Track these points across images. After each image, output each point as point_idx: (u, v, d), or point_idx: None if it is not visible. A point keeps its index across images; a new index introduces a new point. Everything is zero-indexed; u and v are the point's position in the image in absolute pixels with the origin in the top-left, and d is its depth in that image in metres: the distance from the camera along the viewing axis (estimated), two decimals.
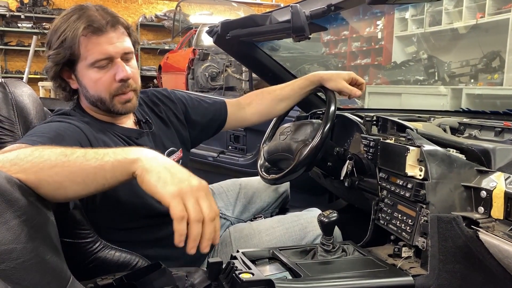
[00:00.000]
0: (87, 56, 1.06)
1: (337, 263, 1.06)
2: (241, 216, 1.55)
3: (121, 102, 1.11)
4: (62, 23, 1.07)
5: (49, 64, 1.09)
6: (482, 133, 1.28)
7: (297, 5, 1.22)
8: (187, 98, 1.41)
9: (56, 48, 1.06)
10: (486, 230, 0.93)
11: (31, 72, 6.24)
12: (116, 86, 1.09)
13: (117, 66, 1.08)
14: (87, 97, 1.12)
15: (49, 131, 0.97)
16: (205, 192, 0.75)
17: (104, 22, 1.06)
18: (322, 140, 1.29)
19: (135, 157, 0.76)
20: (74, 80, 1.11)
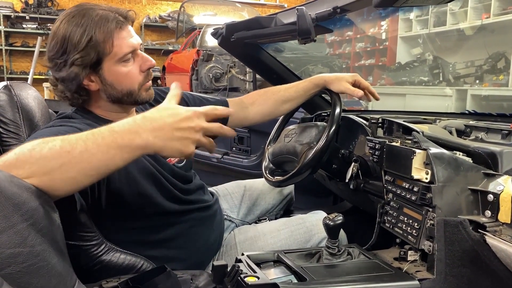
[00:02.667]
0: (117, 51, 1.05)
1: (343, 266, 1.06)
2: (245, 218, 1.55)
3: (146, 90, 1.14)
4: (74, 25, 1.03)
5: (72, 69, 1.04)
6: (488, 135, 1.27)
7: (303, 8, 1.22)
8: (189, 96, 1.42)
9: (82, 50, 1.02)
10: (493, 234, 0.93)
11: (36, 73, 6.26)
12: (143, 76, 1.12)
13: (141, 56, 1.11)
14: (111, 95, 1.10)
15: (50, 135, 0.96)
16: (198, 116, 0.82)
17: (121, 18, 1.07)
18: (327, 142, 1.29)
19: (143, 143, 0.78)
20: (95, 81, 1.08)
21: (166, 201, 1.16)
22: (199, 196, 1.29)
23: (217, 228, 1.32)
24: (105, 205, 1.04)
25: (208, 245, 1.27)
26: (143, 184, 1.10)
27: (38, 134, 1.00)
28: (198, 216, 1.24)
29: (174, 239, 1.19)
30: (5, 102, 1.12)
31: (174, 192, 1.18)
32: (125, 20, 1.08)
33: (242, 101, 1.50)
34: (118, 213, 1.08)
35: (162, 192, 1.15)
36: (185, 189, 1.23)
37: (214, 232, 1.30)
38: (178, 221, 1.19)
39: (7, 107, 1.12)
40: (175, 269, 1.03)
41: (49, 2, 7.46)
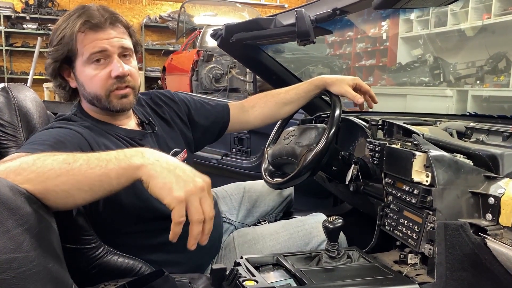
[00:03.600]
0: (84, 51, 1.06)
1: (342, 270, 1.05)
2: (245, 221, 1.54)
3: (117, 97, 1.10)
4: (63, 22, 1.08)
5: (48, 61, 1.10)
6: (489, 137, 1.27)
7: (302, 10, 1.21)
8: (190, 100, 1.41)
9: (56, 45, 1.07)
10: (494, 237, 0.92)
11: (36, 73, 6.26)
12: (112, 82, 1.09)
13: (114, 62, 1.08)
14: (84, 95, 1.12)
15: (49, 138, 0.97)
16: (208, 191, 0.78)
17: (102, 19, 1.06)
18: (327, 145, 1.28)
19: (139, 163, 0.77)
20: (73, 78, 1.12)
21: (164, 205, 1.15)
22: None
23: (216, 231, 1.30)
24: (103, 209, 1.03)
25: (207, 248, 1.26)
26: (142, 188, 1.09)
27: (38, 136, 0.99)
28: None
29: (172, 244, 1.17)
30: (2, 104, 1.11)
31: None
32: (103, 22, 1.06)
33: (242, 105, 1.50)
34: (116, 217, 1.07)
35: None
36: None
37: (212, 235, 1.28)
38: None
39: (5, 109, 1.11)
40: (174, 273, 1.02)
41: (50, 2, 7.46)
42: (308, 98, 1.48)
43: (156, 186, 0.75)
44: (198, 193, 0.76)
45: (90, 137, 1.04)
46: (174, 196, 0.74)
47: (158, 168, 0.76)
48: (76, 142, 0.99)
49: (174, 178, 0.75)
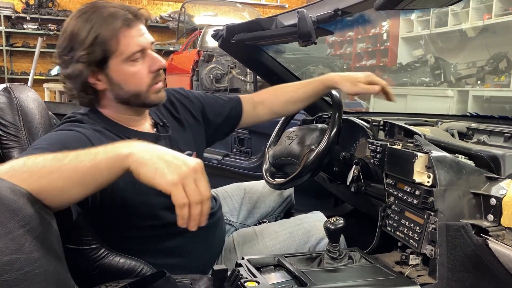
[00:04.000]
0: (123, 50, 1.02)
1: (344, 271, 1.05)
2: (245, 222, 1.54)
3: (155, 92, 1.09)
4: (83, 22, 1.01)
5: (77, 66, 1.01)
6: (491, 138, 1.26)
7: (303, 10, 1.21)
8: (204, 96, 1.38)
9: (88, 47, 0.99)
10: (496, 238, 0.92)
11: (36, 73, 6.26)
12: (151, 77, 1.07)
13: (151, 57, 1.07)
14: (118, 96, 1.07)
15: (55, 142, 0.94)
16: (201, 172, 0.77)
17: (130, 15, 1.03)
18: (328, 145, 1.28)
19: (127, 152, 0.75)
20: (101, 80, 1.05)
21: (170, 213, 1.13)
22: None
23: (220, 235, 1.30)
24: (107, 212, 1.02)
25: (211, 252, 1.25)
26: (151, 195, 1.06)
27: (42, 139, 0.97)
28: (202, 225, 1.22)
29: (176, 249, 1.16)
30: (4, 105, 1.11)
31: None
32: (134, 18, 1.04)
33: (253, 99, 1.47)
34: (121, 221, 1.06)
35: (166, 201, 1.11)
36: None
37: (216, 239, 1.28)
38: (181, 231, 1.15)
39: (7, 109, 1.11)
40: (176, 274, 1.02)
41: (50, 2, 7.45)
42: (317, 97, 1.46)
43: (148, 173, 0.74)
44: (192, 175, 0.75)
45: (98, 142, 1.00)
46: (168, 180, 0.73)
47: (146, 155, 0.75)
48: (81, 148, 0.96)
49: (164, 163, 0.74)
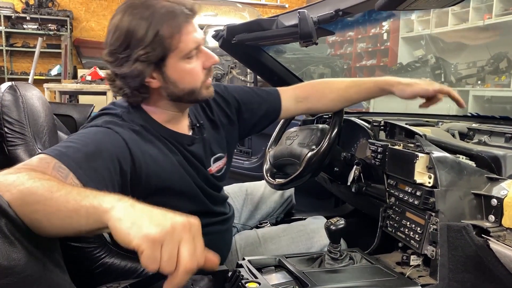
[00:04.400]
0: (182, 47, 0.98)
1: (345, 271, 1.05)
2: (247, 223, 1.54)
3: (206, 87, 1.07)
4: (138, 18, 0.95)
5: (136, 65, 0.96)
6: (492, 139, 1.26)
7: (304, 11, 1.21)
8: (241, 93, 1.31)
9: (148, 45, 0.94)
10: (497, 239, 0.92)
11: (36, 74, 6.26)
12: (205, 73, 1.05)
13: (205, 52, 1.04)
14: (172, 93, 1.03)
15: (90, 143, 0.91)
16: (192, 234, 0.62)
17: (188, 11, 0.99)
18: (329, 146, 1.28)
19: (108, 206, 0.64)
20: (156, 78, 1.01)
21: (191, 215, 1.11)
22: (222, 208, 1.25)
23: (229, 240, 1.30)
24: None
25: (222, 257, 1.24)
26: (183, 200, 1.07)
27: (83, 135, 0.94)
28: (218, 230, 1.20)
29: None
30: (10, 102, 1.12)
31: (205, 203, 1.14)
32: (191, 14, 1.00)
33: (296, 94, 1.37)
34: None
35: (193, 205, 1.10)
36: (215, 198, 1.19)
37: (226, 244, 1.28)
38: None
39: (13, 107, 1.12)
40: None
41: (50, 2, 7.44)
42: (368, 99, 1.43)
43: (123, 227, 0.60)
44: (177, 234, 0.60)
45: (135, 145, 0.98)
46: (143, 233, 0.58)
47: (129, 210, 0.62)
48: (116, 152, 0.93)
49: (147, 217, 0.61)
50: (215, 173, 1.20)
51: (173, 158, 1.06)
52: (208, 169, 1.16)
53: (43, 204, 0.67)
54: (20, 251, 0.62)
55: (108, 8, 7.71)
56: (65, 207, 0.66)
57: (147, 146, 1.02)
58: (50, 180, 0.72)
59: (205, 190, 1.14)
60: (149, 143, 1.03)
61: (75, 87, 4.87)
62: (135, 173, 0.97)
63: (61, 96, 5.09)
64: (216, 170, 1.20)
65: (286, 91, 1.38)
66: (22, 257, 0.62)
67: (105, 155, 0.90)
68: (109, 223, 0.62)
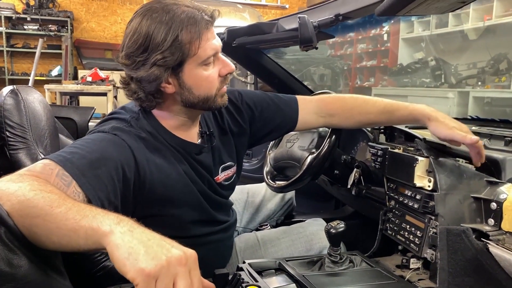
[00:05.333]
0: (200, 54, 0.97)
1: (345, 275, 1.05)
2: (248, 226, 1.54)
3: (221, 95, 1.06)
4: (158, 22, 0.94)
5: (153, 70, 0.95)
6: (491, 142, 1.27)
7: (305, 16, 1.21)
8: (257, 102, 1.26)
9: (166, 50, 0.93)
10: (497, 243, 0.92)
11: (37, 74, 6.26)
12: (220, 81, 1.04)
13: (222, 60, 1.03)
14: (187, 100, 1.02)
15: (95, 150, 0.90)
16: (188, 267, 0.62)
17: (208, 17, 0.98)
18: (329, 149, 1.29)
19: (107, 230, 0.64)
20: (172, 84, 0.99)
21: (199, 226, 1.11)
22: (226, 216, 1.23)
23: (231, 245, 1.29)
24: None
25: (222, 262, 1.25)
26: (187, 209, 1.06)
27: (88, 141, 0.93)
28: (221, 237, 1.19)
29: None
30: (11, 106, 1.12)
31: (209, 212, 1.13)
32: (211, 20, 0.99)
33: (319, 108, 1.29)
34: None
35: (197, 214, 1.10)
36: (220, 206, 1.19)
37: (229, 249, 1.28)
38: (202, 243, 1.12)
39: (14, 110, 1.12)
40: None
41: (51, 3, 7.46)
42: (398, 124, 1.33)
43: (120, 257, 0.60)
44: (173, 269, 0.60)
45: (141, 154, 0.98)
46: (139, 268, 0.59)
47: (127, 237, 0.63)
48: (121, 160, 0.92)
49: (143, 248, 0.61)
50: (223, 182, 1.18)
51: (179, 167, 1.05)
52: (216, 178, 1.16)
53: (42, 219, 0.67)
54: (20, 258, 0.63)
55: (108, 8, 7.72)
56: (64, 225, 0.66)
57: (153, 154, 1.01)
58: (52, 192, 0.71)
59: (211, 199, 1.13)
60: (155, 151, 1.02)
61: (76, 88, 4.88)
62: (139, 181, 0.96)
63: (61, 97, 5.10)
64: (224, 179, 1.19)
65: (308, 103, 1.30)
66: (23, 263, 0.62)
67: (109, 162, 0.90)
68: (107, 247, 0.63)
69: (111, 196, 0.88)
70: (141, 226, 0.67)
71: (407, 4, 0.82)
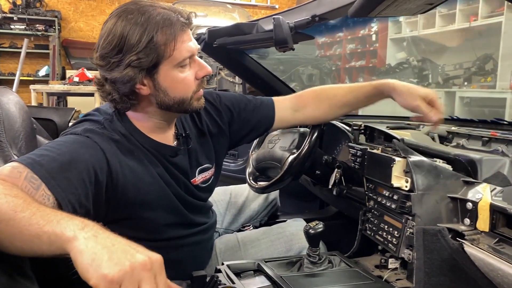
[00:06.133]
0: (176, 55, 0.97)
1: (323, 275, 1.05)
2: (230, 227, 1.53)
3: (197, 99, 1.06)
4: (133, 24, 0.93)
5: (128, 71, 0.94)
6: (470, 142, 1.28)
7: (279, 17, 1.21)
8: (235, 103, 1.27)
9: (141, 51, 0.93)
10: (472, 242, 0.93)
11: (24, 74, 6.19)
12: (197, 84, 1.04)
13: (198, 63, 1.03)
14: (162, 102, 1.01)
15: (66, 152, 0.89)
16: (153, 272, 0.62)
17: (184, 20, 0.98)
18: (310, 149, 1.29)
19: (72, 235, 0.63)
20: (147, 85, 0.99)
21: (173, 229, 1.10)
22: (205, 218, 1.22)
23: (210, 247, 1.29)
24: (108, 225, 0.99)
25: (201, 264, 1.24)
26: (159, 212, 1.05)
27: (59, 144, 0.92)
28: (199, 239, 1.18)
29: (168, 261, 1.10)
30: None
31: (186, 215, 1.12)
32: (187, 22, 0.99)
33: (292, 103, 1.33)
34: (119, 234, 1.03)
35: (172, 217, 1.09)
36: (197, 209, 1.18)
37: (208, 251, 1.27)
38: (178, 246, 1.13)
39: None
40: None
41: (38, 2, 7.37)
42: (367, 103, 1.33)
43: (83, 263, 0.60)
44: (137, 274, 0.60)
45: (113, 156, 0.96)
46: (102, 274, 0.58)
47: (91, 243, 0.62)
48: (92, 163, 0.91)
49: (107, 254, 0.60)
50: (200, 184, 1.18)
51: (153, 170, 1.04)
52: (192, 180, 1.15)
53: (5, 224, 0.66)
54: None
55: (97, 8, 7.66)
56: (27, 230, 0.66)
57: (126, 157, 1.00)
58: (17, 197, 0.70)
59: (187, 201, 1.12)
60: (129, 153, 1.01)
61: (62, 88, 4.81)
62: (112, 184, 0.95)
63: (48, 98, 5.04)
64: (202, 181, 1.18)
65: (282, 100, 1.33)
66: None
67: (80, 165, 0.89)
68: (71, 253, 0.62)
69: (82, 199, 0.87)
70: (106, 231, 0.66)
71: (376, 6, 0.83)
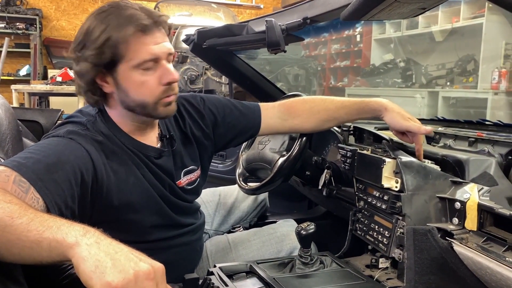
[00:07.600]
0: (133, 56, 0.96)
1: (315, 276, 1.06)
2: (219, 228, 1.53)
3: (164, 105, 1.03)
4: (99, 21, 0.96)
5: (85, 65, 0.97)
6: (456, 142, 1.30)
7: (272, 20, 1.21)
8: (219, 106, 1.26)
9: (98, 48, 0.95)
10: (460, 241, 0.95)
11: (4, 74, 6.05)
12: (162, 90, 1.01)
13: (164, 68, 1.00)
14: (124, 102, 1.02)
15: (51, 154, 0.89)
16: (156, 281, 0.63)
17: (150, 21, 0.97)
18: (300, 151, 1.29)
19: (73, 241, 0.63)
20: (109, 83, 1.00)
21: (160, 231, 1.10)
22: (192, 219, 1.21)
23: (200, 248, 1.28)
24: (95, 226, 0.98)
25: (191, 265, 1.23)
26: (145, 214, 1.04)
27: (44, 146, 0.92)
28: (187, 240, 1.18)
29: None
30: None
31: (171, 216, 1.12)
32: (152, 24, 0.98)
33: (281, 112, 1.31)
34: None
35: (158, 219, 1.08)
36: (184, 210, 1.17)
37: (197, 253, 1.26)
38: (166, 247, 1.12)
39: None
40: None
41: (18, 0, 7.23)
42: (357, 119, 1.33)
43: (86, 270, 0.60)
44: (140, 282, 0.60)
45: (98, 158, 0.96)
46: (106, 282, 0.58)
47: (94, 250, 0.62)
48: (78, 164, 0.91)
49: (110, 261, 0.61)
50: (186, 186, 1.17)
51: (137, 171, 1.04)
52: (177, 182, 1.14)
53: (2, 231, 0.65)
54: None
55: (79, 6, 7.53)
56: (26, 237, 0.65)
57: (110, 158, 1.00)
58: (11, 203, 0.69)
59: (172, 203, 1.12)
60: (112, 155, 1.00)
61: (45, 88, 4.71)
62: (97, 185, 0.95)
63: (30, 98, 4.93)
64: (187, 183, 1.18)
65: (270, 108, 1.32)
66: None
67: (66, 166, 0.88)
68: (73, 259, 0.62)
69: (69, 201, 0.86)
70: (108, 237, 0.66)
71: (370, 10, 0.84)
